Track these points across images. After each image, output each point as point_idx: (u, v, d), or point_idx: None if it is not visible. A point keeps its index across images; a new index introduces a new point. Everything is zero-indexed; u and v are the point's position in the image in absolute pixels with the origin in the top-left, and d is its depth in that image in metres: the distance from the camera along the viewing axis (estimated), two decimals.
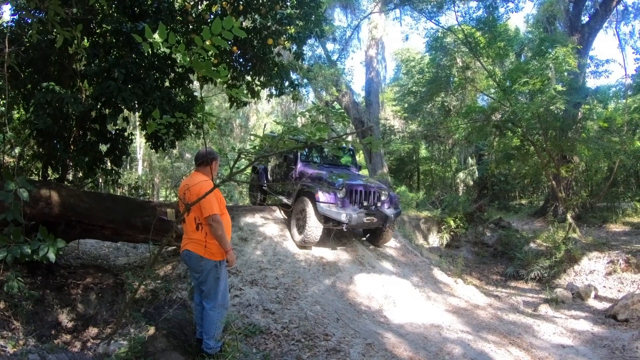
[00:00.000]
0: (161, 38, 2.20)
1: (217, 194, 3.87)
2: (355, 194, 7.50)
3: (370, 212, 7.50)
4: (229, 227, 4.10)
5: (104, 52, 6.71)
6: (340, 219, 7.04)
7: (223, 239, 3.80)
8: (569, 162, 12.65)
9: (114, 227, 6.59)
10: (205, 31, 2.14)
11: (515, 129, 11.78)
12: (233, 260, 3.95)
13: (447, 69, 17.32)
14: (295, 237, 7.59)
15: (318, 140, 2.28)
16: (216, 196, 3.85)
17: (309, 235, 7.26)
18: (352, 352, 4.51)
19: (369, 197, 7.70)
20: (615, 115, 16.47)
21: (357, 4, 20.16)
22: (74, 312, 5.96)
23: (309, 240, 7.32)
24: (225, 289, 4.05)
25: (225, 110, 22.41)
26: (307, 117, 2.54)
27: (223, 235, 3.79)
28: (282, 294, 5.80)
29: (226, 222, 3.99)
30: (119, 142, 7.15)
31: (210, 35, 2.14)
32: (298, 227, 7.59)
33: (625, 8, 18.79)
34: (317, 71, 16.07)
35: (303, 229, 7.35)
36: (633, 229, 11.83)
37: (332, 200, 7.09)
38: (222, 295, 3.96)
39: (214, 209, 3.74)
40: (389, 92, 26.69)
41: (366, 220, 7.41)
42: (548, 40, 11.81)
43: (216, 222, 3.75)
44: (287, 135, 2.51)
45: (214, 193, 3.74)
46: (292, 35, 7.29)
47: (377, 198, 7.78)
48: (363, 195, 7.59)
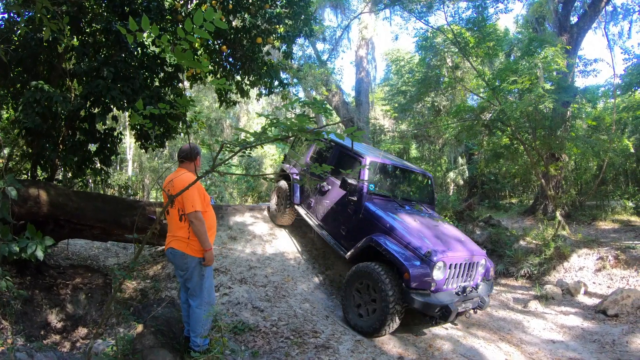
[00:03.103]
0: (145, 29, 2.21)
1: (200, 190, 3.85)
2: (454, 269, 5.29)
3: (467, 298, 5.33)
4: (214, 223, 4.08)
5: (94, 51, 6.69)
6: (435, 315, 4.93)
7: (203, 237, 3.76)
8: (558, 160, 12.73)
9: (103, 226, 6.57)
10: (187, 23, 2.15)
11: (505, 127, 11.84)
12: (210, 260, 3.86)
13: (436, 69, 17.35)
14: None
15: (299, 131, 2.29)
16: (199, 192, 3.83)
17: None
18: (342, 348, 4.53)
19: (470, 272, 5.63)
20: (604, 115, 16.63)
21: (347, 4, 20.21)
22: (63, 312, 5.94)
23: None
24: (211, 286, 4.02)
25: (215, 110, 22.36)
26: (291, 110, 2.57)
27: (204, 233, 3.75)
28: (272, 292, 5.82)
29: (210, 218, 3.99)
30: (108, 142, 7.13)
31: (192, 26, 2.15)
32: None
33: (614, 9, 18.98)
34: (307, 71, 16.09)
35: None
36: (622, 227, 11.93)
37: (429, 282, 4.96)
38: (207, 292, 3.94)
39: (197, 205, 3.71)
40: (379, 92, 26.72)
41: (460, 311, 5.19)
42: (537, 40, 11.88)
43: (197, 220, 3.71)
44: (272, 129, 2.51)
45: (197, 189, 3.73)
46: (281, 34, 7.31)
47: (477, 272, 5.75)
48: (463, 269, 5.45)
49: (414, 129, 21.30)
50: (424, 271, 4.87)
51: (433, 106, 20.71)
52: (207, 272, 3.92)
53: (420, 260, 4.97)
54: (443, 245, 5.30)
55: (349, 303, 5.35)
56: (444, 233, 5.88)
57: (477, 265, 5.65)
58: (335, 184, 6.57)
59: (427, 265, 4.91)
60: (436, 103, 20.52)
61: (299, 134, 2.34)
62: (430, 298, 4.88)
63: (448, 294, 5.14)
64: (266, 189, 22.89)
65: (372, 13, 17.86)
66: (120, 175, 21.55)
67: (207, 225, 3.87)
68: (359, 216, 5.99)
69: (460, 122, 13.95)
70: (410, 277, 4.77)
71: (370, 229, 5.68)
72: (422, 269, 4.87)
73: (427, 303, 4.79)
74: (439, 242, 5.38)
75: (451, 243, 5.53)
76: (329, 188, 6.85)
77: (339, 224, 6.38)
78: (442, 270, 5.05)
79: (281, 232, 8.02)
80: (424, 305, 4.79)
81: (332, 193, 6.76)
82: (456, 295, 5.18)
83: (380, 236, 5.40)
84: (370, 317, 5.08)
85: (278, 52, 8.31)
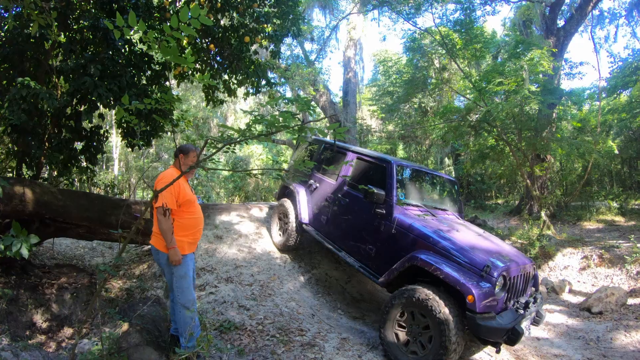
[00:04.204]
0: (132, 25, 2.22)
1: (175, 187, 3.75)
2: (511, 282, 4.46)
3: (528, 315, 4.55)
4: (195, 223, 4.02)
5: (81, 48, 6.64)
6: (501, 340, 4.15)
7: (166, 234, 3.71)
8: (543, 161, 12.89)
9: (88, 225, 6.52)
10: (173, 19, 2.17)
11: (491, 129, 11.96)
12: (174, 259, 3.75)
13: (424, 70, 17.49)
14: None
15: (283, 127, 2.32)
16: (174, 190, 3.75)
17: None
18: (327, 346, 4.55)
19: (527, 285, 4.91)
20: (590, 117, 16.88)
21: (335, 5, 20.29)
22: (49, 312, 5.88)
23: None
24: (185, 287, 3.88)
25: (203, 109, 22.28)
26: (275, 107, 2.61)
27: (166, 230, 3.69)
28: (258, 290, 5.83)
29: (192, 218, 3.97)
30: (94, 140, 7.09)
31: (178, 23, 2.17)
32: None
33: (601, 13, 19.26)
34: (295, 70, 16.12)
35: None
36: (606, 226, 12.10)
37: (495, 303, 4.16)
38: (181, 292, 3.87)
39: (165, 201, 3.68)
40: (367, 92, 26.84)
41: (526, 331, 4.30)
42: (524, 42, 12.00)
43: (160, 215, 3.68)
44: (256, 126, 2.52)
45: (172, 187, 3.64)
46: (269, 33, 7.31)
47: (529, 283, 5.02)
48: (520, 282, 4.67)
49: (401, 130, 21.42)
50: (489, 290, 4.06)
51: (420, 107, 20.86)
52: (177, 271, 3.84)
53: (479, 277, 4.14)
54: (497, 257, 4.47)
55: (393, 345, 4.37)
56: (491, 242, 5.11)
57: (529, 276, 4.94)
58: (353, 196, 5.85)
59: (488, 282, 4.11)
60: (423, 104, 20.68)
61: (283, 130, 2.37)
62: (497, 321, 4.04)
63: (511, 312, 4.36)
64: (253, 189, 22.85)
65: (361, 14, 17.94)
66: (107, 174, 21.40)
67: (188, 224, 3.89)
68: (391, 231, 5.07)
69: (446, 123, 14.07)
70: (476, 299, 3.92)
71: (407, 245, 4.82)
72: (486, 288, 4.05)
73: (495, 328, 3.97)
74: (491, 253, 4.59)
75: (502, 253, 4.73)
76: (347, 201, 5.95)
77: (365, 242, 5.43)
78: (503, 286, 4.28)
79: (267, 231, 8.01)
80: (491, 331, 3.96)
81: (350, 207, 5.88)
82: (518, 313, 4.41)
83: (424, 253, 4.53)
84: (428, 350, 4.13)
85: (266, 52, 8.31)
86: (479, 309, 3.92)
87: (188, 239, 3.93)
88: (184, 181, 3.95)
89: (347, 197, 5.96)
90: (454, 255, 4.42)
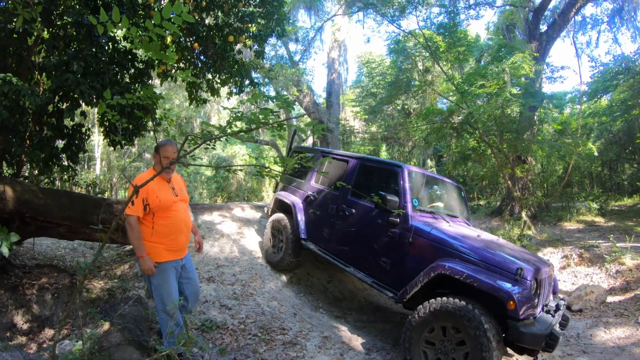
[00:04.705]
0: (115, 21, 2.23)
1: (143, 193, 3.54)
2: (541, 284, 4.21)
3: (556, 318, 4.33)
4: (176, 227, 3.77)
5: (64, 45, 6.57)
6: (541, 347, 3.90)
7: (133, 243, 3.58)
8: (524, 163, 13.09)
9: (69, 224, 6.44)
10: (156, 16, 2.19)
11: (473, 130, 12.12)
12: (142, 268, 3.61)
13: (407, 72, 17.65)
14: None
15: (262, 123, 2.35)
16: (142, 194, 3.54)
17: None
18: (309, 345, 4.59)
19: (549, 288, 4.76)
20: (571, 120, 17.20)
21: (320, 6, 20.29)
22: (30, 313, 5.82)
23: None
24: (165, 295, 3.72)
25: (186, 109, 22.15)
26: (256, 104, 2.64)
27: (134, 239, 3.56)
28: (239, 290, 5.84)
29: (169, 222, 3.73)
30: (76, 138, 7.00)
31: (161, 19, 2.19)
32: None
33: (583, 19, 19.59)
34: (278, 71, 16.10)
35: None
36: (586, 227, 12.34)
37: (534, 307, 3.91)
38: (160, 299, 3.74)
39: (130, 208, 3.51)
40: (350, 94, 26.92)
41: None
42: (506, 46, 12.21)
43: (128, 224, 3.54)
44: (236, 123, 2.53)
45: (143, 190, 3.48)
46: (253, 33, 7.31)
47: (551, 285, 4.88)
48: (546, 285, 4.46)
49: (384, 131, 21.56)
50: (528, 295, 3.78)
51: (403, 109, 21.02)
52: (152, 279, 3.72)
53: (513, 281, 3.83)
54: (522, 260, 4.17)
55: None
56: (509, 247, 4.83)
57: (550, 279, 4.75)
58: (360, 205, 5.48)
59: (523, 286, 3.82)
60: (406, 106, 20.84)
61: (262, 126, 2.40)
62: (537, 327, 3.80)
63: (545, 317, 4.12)
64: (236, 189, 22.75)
65: (346, 15, 17.99)
66: (88, 173, 21.15)
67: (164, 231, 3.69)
68: (408, 240, 4.70)
69: (429, 125, 14.22)
70: (517, 305, 3.62)
71: (428, 255, 4.49)
72: (525, 293, 3.77)
73: (537, 334, 3.73)
74: (516, 257, 4.27)
75: (525, 257, 4.46)
76: (352, 211, 5.55)
77: (377, 255, 5.04)
78: (535, 289, 3.99)
79: (249, 230, 8.03)
80: (534, 338, 3.72)
81: (358, 217, 5.50)
82: (551, 317, 4.19)
83: (448, 261, 4.21)
84: None
85: (250, 51, 8.30)
86: (521, 315, 3.66)
87: (165, 246, 3.71)
88: (159, 185, 3.70)
89: (353, 207, 5.57)
90: (481, 261, 4.14)
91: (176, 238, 3.77)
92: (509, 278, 3.87)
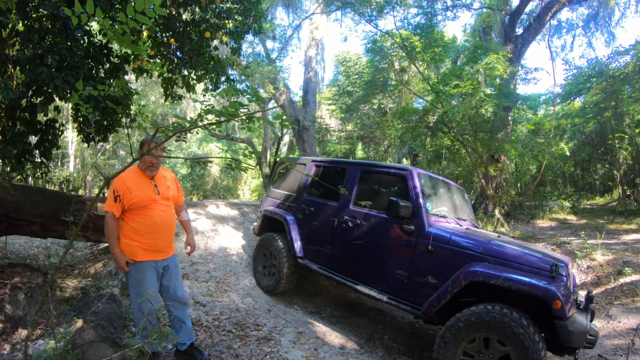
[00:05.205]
0: (90, 13, 2.23)
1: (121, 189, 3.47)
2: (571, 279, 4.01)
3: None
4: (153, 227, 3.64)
5: (39, 38, 6.45)
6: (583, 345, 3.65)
7: (108, 239, 3.58)
8: (498, 161, 13.36)
9: (42, 222, 6.34)
10: (129, 8, 2.20)
11: (447, 130, 12.32)
12: (117, 264, 3.60)
13: (384, 72, 17.84)
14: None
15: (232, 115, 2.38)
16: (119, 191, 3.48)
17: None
18: (283, 340, 4.62)
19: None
20: (544, 121, 17.60)
21: (299, 4, 20.30)
22: (2, 314, 5.71)
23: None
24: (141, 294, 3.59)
25: (162, 105, 21.94)
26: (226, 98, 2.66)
27: (108, 235, 3.55)
28: (214, 287, 5.84)
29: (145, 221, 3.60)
30: (50, 134, 6.89)
31: (134, 12, 2.21)
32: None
33: (559, 23, 20.01)
34: (255, 68, 16.07)
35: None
36: (559, 224, 12.66)
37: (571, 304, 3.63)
38: (135, 297, 3.66)
39: (106, 205, 3.50)
40: (327, 92, 26.97)
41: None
42: (482, 47, 12.45)
43: (105, 221, 3.52)
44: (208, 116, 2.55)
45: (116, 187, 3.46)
46: (230, 29, 7.30)
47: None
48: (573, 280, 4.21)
49: (360, 130, 21.72)
50: (567, 291, 3.54)
51: (379, 108, 21.21)
52: (128, 277, 3.69)
53: (550, 279, 3.59)
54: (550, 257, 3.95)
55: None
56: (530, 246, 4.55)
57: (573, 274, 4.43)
58: (366, 215, 5.08)
59: (561, 282, 3.59)
60: (383, 105, 21.04)
61: (233, 119, 2.43)
62: (581, 324, 3.57)
63: (580, 313, 3.80)
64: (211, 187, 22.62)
65: (324, 14, 18.02)
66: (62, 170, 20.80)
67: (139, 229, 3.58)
68: (427, 249, 4.33)
69: (404, 124, 14.40)
70: (563, 303, 3.36)
71: (451, 262, 4.13)
72: (565, 290, 3.53)
73: (582, 332, 3.51)
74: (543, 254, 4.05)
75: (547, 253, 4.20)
76: (357, 222, 5.13)
77: (391, 268, 4.64)
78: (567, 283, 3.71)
79: (224, 228, 8.02)
80: (580, 336, 3.50)
81: (364, 228, 5.07)
82: (585, 312, 3.91)
83: (478, 265, 3.88)
84: None
85: (226, 48, 8.27)
86: (567, 313, 3.43)
87: (141, 244, 3.59)
88: (139, 181, 3.61)
89: (358, 218, 5.15)
90: (513, 262, 3.85)
91: (153, 237, 3.65)
92: (545, 276, 3.65)
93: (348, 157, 24.61)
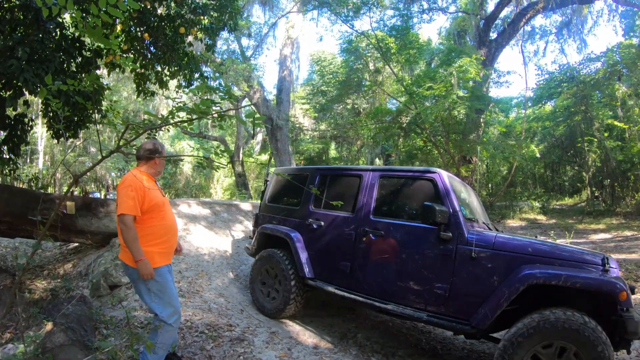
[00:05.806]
0: (61, 4, 2.19)
1: (138, 190, 3.32)
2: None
3: None
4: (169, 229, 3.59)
5: (10, 29, 6.24)
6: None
7: (131, 245, 3.25)
8: (469, 162, 13.62)
9: (10, 221, 6.16)
10: (101, 0, 2.16)
11: (420, 131, 12.50)
12: (142, 273, 3.29)
13: (358, 72, 17.95)
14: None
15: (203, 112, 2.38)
16: (136, 193, 3.31)
17: None
18: (257, 340, 4.62)
19: None
20: (516, 124, 18.03)
21: (276, 2, 20.27)
22: None
23: None
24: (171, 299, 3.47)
25: (134, 102, 21.59)
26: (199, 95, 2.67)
27: (130, 240, 3.24)
28: (185, 287, 5.78)
29: (163, 222, 3.52)
30: (18, 129, 6.70)
31: (106, 4, 2.17)
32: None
33: (533, 29, 20.52)
34: (229, 65, 15.98)
35: None
36: (529, 224, 13.00)
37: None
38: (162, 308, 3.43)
39: (124, 207, 3.22)
40: (301, 91, 27.05)
41: None
42: (456, 50, 12.66)
43: (122, 224, 3.23)
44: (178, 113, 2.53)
45: (133, 189, 3.28)
46: (205, 25, 7.22)
47: None
48: None
49: (334, 130, 21.82)
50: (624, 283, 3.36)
51: (353, 108, 21.39)
52: (151, 287, 3.41)
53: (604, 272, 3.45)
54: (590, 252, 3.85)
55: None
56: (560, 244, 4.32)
57: None
58: (393, 225, 4.61)
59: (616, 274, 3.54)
60: (356, 105, 21.23)
61: (204, 116, 2.43)
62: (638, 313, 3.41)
63: None
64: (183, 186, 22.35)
65: (300, 13, 18.05)
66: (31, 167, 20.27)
67: (157, 232, 3.47)
68: (470, 256, 3.98)
69: (378, 124, 14.55)
70: (628, 295, 3.24)
71: (501, 267, 3.82)
72: (623, 282, 3.38)
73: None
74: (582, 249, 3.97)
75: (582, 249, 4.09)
76: (382, 234, 4.64)
77: (429, 282, 4.20)
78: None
79: (195, 227, 7.96)
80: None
81: (391, 239, 4.58)
82: None
83: (533, 268, 3.62)
84: None
85: (201, 44, 8.18)
86: (632, 304, 3.30)
87: (158, 249, 3.46)
88: (151, 183, 3.53)
89: (382, 229, 4.66)
90: (565, 260, 3.67)
91: (169, 240, 3.59)
92: (599, 270, 3.49)
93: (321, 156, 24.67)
